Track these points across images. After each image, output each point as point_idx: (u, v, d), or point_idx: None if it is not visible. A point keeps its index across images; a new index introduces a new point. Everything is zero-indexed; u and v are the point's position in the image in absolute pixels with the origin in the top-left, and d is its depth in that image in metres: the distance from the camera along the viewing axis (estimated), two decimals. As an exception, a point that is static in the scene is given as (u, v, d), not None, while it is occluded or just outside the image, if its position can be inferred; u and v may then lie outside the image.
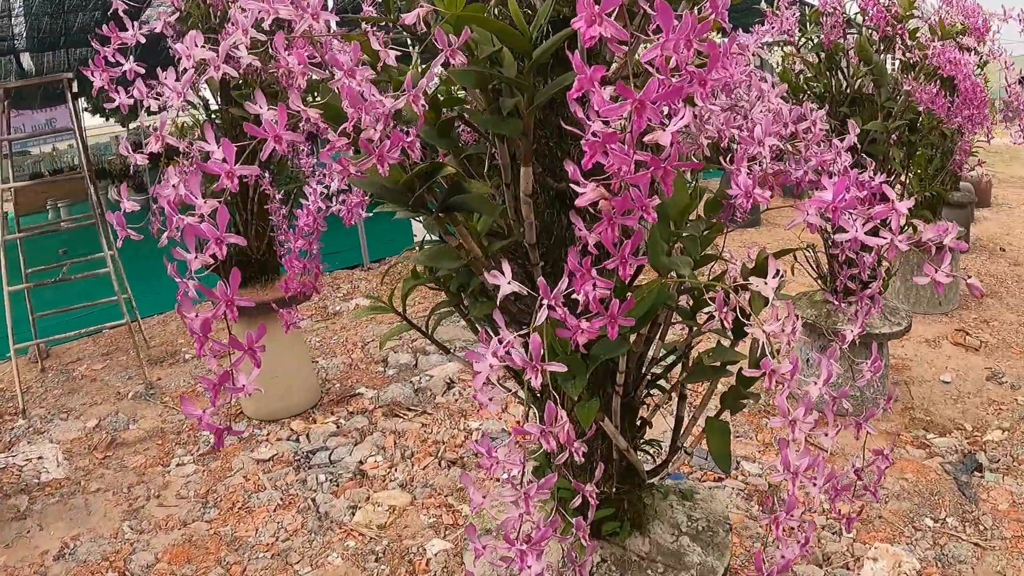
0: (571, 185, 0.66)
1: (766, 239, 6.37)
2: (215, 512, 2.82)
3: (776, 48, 3.06)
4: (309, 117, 0.95)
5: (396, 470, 3.01)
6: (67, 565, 2.57)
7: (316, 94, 1.14)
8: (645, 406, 1.48)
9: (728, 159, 0.88)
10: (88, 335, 5.01)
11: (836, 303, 1.48)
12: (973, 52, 2.47)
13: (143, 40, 1.14)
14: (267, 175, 2.99)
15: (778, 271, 1.28)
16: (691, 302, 1.25)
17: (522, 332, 0.79)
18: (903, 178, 2.94)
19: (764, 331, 0.77)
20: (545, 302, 0.76)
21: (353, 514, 2.71)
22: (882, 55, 2.57)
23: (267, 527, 2.69)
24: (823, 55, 2.71)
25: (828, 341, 3.17)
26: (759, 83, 0.86)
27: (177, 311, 0.90)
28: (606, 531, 1.48)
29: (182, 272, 0.95)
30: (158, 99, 1.06)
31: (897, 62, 2.64)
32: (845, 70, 2.72)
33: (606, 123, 0.65)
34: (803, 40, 2.78)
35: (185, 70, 0.98)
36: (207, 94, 3.35)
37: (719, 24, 0.80)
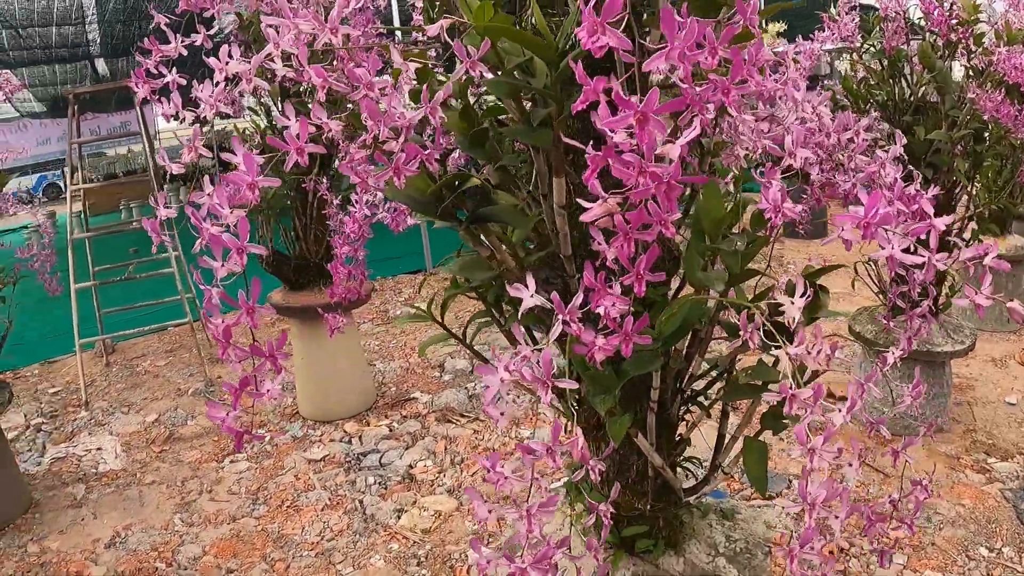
0: (578, 200, 0.64)
1: (831, 251, 6.19)
2: (264, 509, 2.88)
3: (845, 55, 2.97)
4: (331, 129, 0.96)
5: (445, 475, 3.02)
6: (117, 553, 2.65)
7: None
8: (684, 423, 1.45)
9: (759, 172, 0.85)
10: (153, 332, 5.19)
11: (886, 321, 1.42)
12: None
13: (184, 53, 1.18)
14: (325, 180, 3.04)
15: (821, 288, 1.24)
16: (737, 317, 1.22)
17: (539, 346, 0.78)
18: (969, 190, 2.81)
19: (788, 353, 0.74)
20: (560, 317, 0.74)
21: (399, 517, 2.73)
22: (947, 62, 2.46)
23: (313, 526, 2.73)
24: (885, 62, 2.62)
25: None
26: (792, 91, 0.83)
27: (202, 317, 0.92)
28: (639, 548, 1.45)
29: (208, 280, 0.97)
30: (195, 111, 1.10)
31: (963, 69, 2.53)
32: (908, 77, 2.62)
33: (630, 135, 0.64)
34: (865, 47, 2.69)
35: (219, 82, 1.00)
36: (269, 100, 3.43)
37: (748, 31, 0.77)
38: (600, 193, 0.70)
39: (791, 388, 0.72)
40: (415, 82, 0.95)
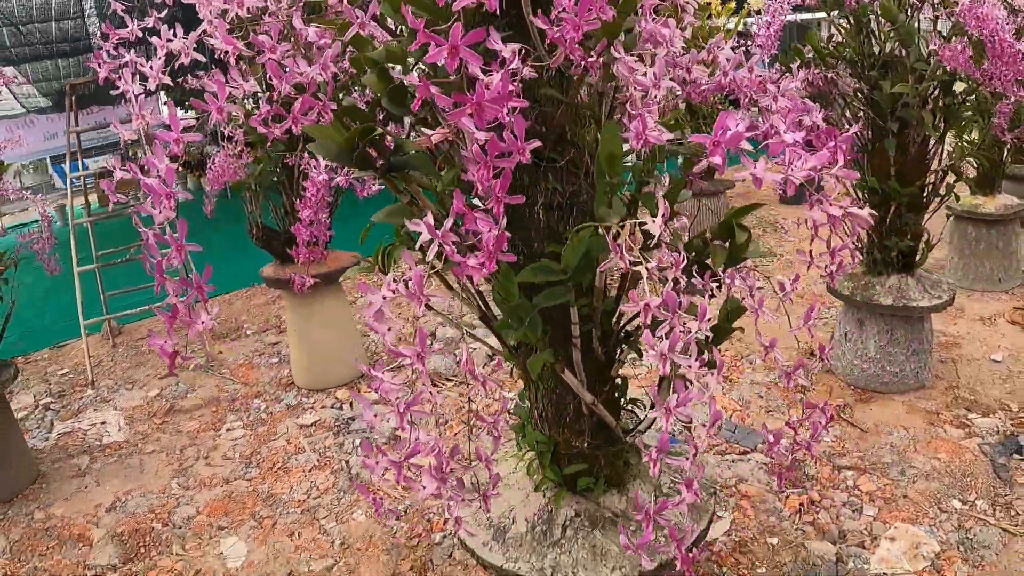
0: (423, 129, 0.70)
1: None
2: (256, 472, 3.00)
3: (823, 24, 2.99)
4: (245, 90, 1.04)
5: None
6: (117, 516, 2.78)
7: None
8: (619, 363, 1.50)
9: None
10: (155, 313, 5.31)
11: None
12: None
13: (140, 35, 1.29)
14: (307, 155, 3.11)
15: (741, 228, 1.29)
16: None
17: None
18: (941, 145, 2.83)
19: (647, 268, 0.80)
20: (433, 241, 0.81)
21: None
22: (910, 14, 2.48)
23: (301, 485, 2.85)
24: (851, 19, 2.63)
25: (865, 314, 3.09)
26: (660, 29, 0.88)
27: (143, 258, 1.00)
28: (581, 486, 1.51)
29: (147, 223, 1.05)
30: (144, 83, 1.21)
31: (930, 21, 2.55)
32: (875, 33, 2.64)
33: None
34: (830, 7, 2.70)
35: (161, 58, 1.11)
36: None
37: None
38: (469, 127, 0.76)
39: (643, 299, 0.78)
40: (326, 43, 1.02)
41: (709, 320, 0.85)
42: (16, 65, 7.37)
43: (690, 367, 0.83)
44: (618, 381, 1.51)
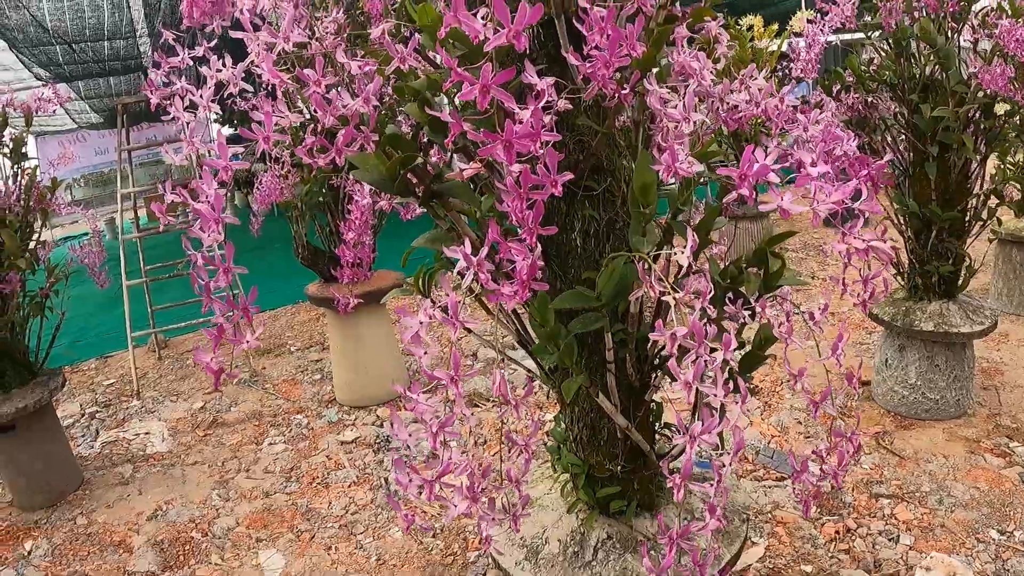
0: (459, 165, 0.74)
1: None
2: (296, 486, 3.05)
3: (865, 46, 2.98)
4: (292, 121, 1.08)
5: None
6: (158, 525, 2.85)
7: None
8: (654, 388, 1.52)
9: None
10: (202, 327, 5.44)
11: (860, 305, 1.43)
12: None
13: (191, 63, 1.35)
14: (352, 176, 3.18)
15: (777, 256, 1.30)
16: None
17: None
18: (983, 169, 2.79)
19: (675, 299, 0.82)
20: (469, 268, 0.84)
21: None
22: (949, 37, 2.46)
23: (339, 501, 2.89)
24: (891, 41, 2.62)
25: (906, 340, 3.04)
26: (690, 63, 0.90)
27: (192, 278, 1.05)
28: (614, 509, 1.53)
29: (196, 246, 1.10)
30: (193, 112, 1.27)
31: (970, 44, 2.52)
32: (915, 55, 2.62)
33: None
34: (870, 28, 2.70)
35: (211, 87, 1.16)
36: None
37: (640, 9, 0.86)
38: (501, 157, 0.79)
39: (671, 328, 0.80)
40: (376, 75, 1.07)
41: (739, 348, 0.87)
42: (69, 82, 7.64)
43: (715, 395, 0.84)
44: (652, 406, 1.52)
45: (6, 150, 3.09)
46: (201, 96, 1.28)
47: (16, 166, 3.11)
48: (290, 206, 3.32)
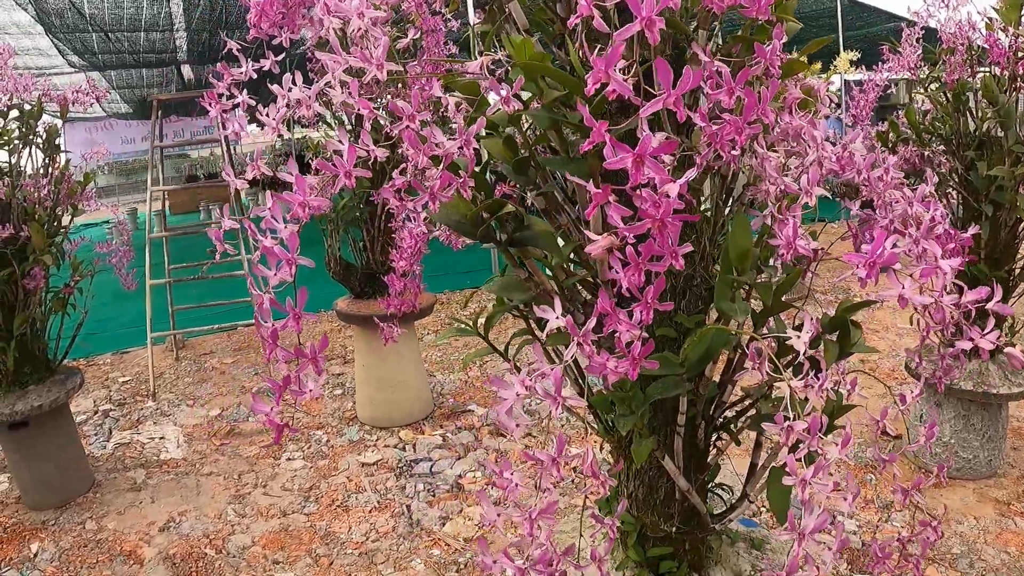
0: (585, 232, 0.69)
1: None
2: (315, 507, 2.99)
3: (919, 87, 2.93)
4: (377, 156, 1.03)
5: (493, 487, 3.08)
6: (170, 537, 2.80)
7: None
8: (715, 449, 1.47)
9: (778, 208, 0.88)
10: (222, 331, 5.41)
11: (940, 360, 1.38)
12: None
13: (255, 76, 1.29)
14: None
15: (853, 324, 1.25)
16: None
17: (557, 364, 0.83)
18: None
19: (790, 386, 0.77)
20: (575, 339, 0.79)
21: (443, 524, 2.80)
22: (1010, 95, 2.41)
23: (360, 526, 2.83)
24: (950, 95, 2.58)
25: (942, 397, 2.98)
26: (811, 130, 0.86)
27: (255, 322, 1.00)
28: (663, 569, 1.47)
29: (262, 287, 1.05)
30: (261, 128, 1.21)
31: (1031, 104, 2.48)
32: (973, 111, 2.58)
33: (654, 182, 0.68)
34: (930, 78, 2.66)
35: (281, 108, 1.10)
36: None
37: (769, 70, 0.81)
38: (594, 234, 0.75)
39: (789, 419, 0.75)
40: (466, 113, 1.02)
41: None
42: (102, 71, 7.66)
43: (824, 488, 0.79)
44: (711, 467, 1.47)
45: (39, 140, 3.04)
46: (267, 115, 1.22)
47: (47, 158, 3.06)
48: (324, 219, 3.28)
